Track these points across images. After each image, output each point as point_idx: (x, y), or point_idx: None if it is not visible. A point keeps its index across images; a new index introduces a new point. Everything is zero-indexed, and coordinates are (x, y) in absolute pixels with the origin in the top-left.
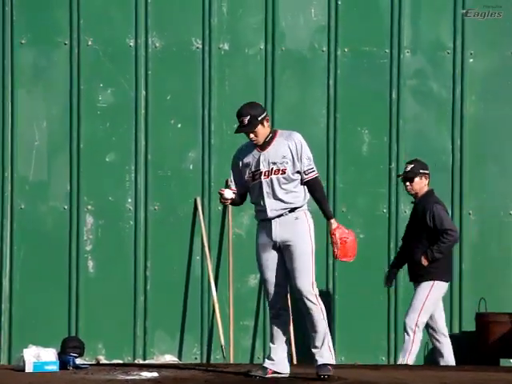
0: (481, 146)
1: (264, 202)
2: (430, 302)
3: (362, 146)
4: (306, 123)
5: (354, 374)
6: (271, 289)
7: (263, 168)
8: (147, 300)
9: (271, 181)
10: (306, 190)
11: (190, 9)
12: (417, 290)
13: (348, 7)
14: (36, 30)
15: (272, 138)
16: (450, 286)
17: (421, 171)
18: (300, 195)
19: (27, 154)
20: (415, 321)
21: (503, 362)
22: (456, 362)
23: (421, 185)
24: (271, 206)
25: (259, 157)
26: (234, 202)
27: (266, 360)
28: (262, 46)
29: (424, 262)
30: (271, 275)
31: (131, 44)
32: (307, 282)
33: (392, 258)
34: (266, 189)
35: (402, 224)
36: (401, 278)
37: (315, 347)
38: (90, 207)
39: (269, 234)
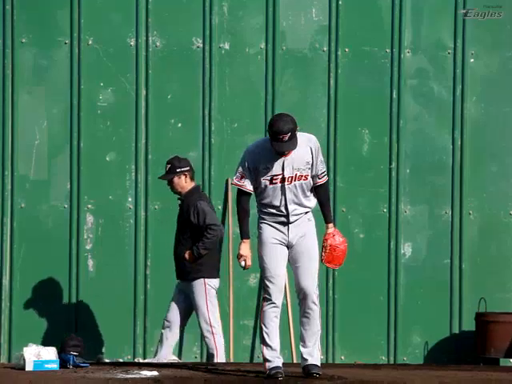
0: (481, 146)
1: (286, 208)
2: (211, 298)
3: (362, 145)
4: (306, 123)
5: (353, 373)
6: (278, 285)
7: (287, 173)
8: (147, 299)
9: (295, 187)
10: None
11: (191, 8)
12: (193, 294)
13: (349, 7)
14: (37, 29)
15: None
16: (450, 286)
17: (177, 170)
18: (313, 198)
19: (27, 152)
20: (209, 324)
21: (503, 362)
22: (456, 362)
23: (182, 183)
24: (293, 212)
25: (283, 162)
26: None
27: (277, 359)
28: (263, 46)
29: (188, 258)
30: (281, 273)
31: (132, 43)
32: (313, 282)
33: (392, 257)
34: (289, 195)
35: (403, 224)
36: (401, 278)
37: (306, 346)
38: (90, 206)
39: (283, 233)
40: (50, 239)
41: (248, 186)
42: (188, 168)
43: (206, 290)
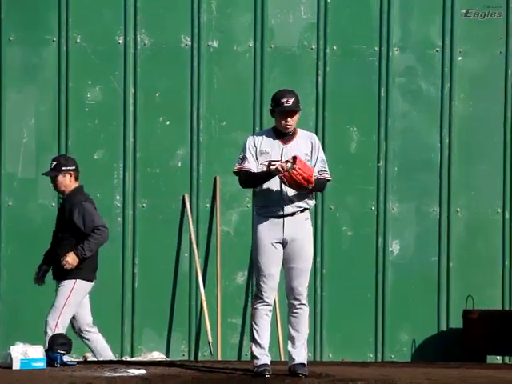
0: (469, 143)
1: (281, 197)
2: (72, 301)
3: (350, 143)
4: None
5: (341, 370)
6: (271, 284)
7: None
8: (135, 297)
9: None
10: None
11: (179, 6)
12: (60, 289)
13: (337, 5)
14: (25, 27)
15: (294, 134)
16: (438, 283)
17: (63, 168)
18: (309, 197)
19: (15, 150)
20: (55, 321)
21: (490, 359)
22: (443, 359)
23: (66, 182)
24: (288, 203)
25: (282, 149)
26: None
27: (265, 356)
28: (251, 44)
29: (71, 259)
30: (275, 271)
31: (120, 41)
32: (305, 284)
33: (380, 254)
34: (284, 184)
35: (391, 221)
36: (389, 275)
37: (294, 346)
38: None
39: (278, 230)
40: (37, 237)
41: (247, 165)
42: (74, 167)
43: (73, 291)
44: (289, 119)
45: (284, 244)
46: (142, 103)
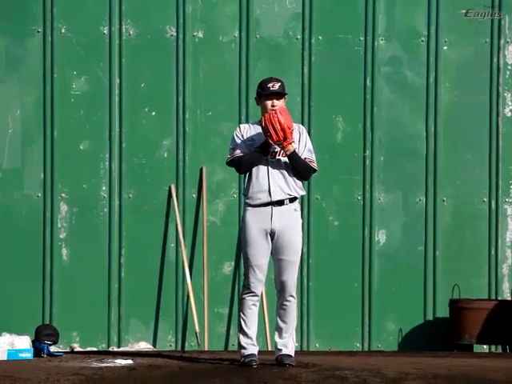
0: (455, 133)
1: (269, 183)
2: None
3: (336, 133)
4: None
5: (328, 360)
6: (258, 276)
7: (271, 148)
8: (121, 287)
9: (278, 162)
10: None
11: None
12: None
13: None
14: (9, 17)
15: None
16: (424, 273)
17: None
18: (300, 186)
19: (1, 141)
20: None
21: (477, 348)
22: (430, 348)
23: None
24: (276, 190)
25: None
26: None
27: (252, 346)
28: (237, 34)
29: None
30: (263, 262)
31: (105, 32)
32: (294, 275)
33: (367, 244)
34: (272, 171)
35: (377, 211)
36: (375, 265)
37: (282, 337)
38: (64, 195)
39: (266, 221)
40: (23, 228)
41: (237, 151)
42: None
43: None
44: (275, 101)
45: (272, 235)
46: (127, 94)
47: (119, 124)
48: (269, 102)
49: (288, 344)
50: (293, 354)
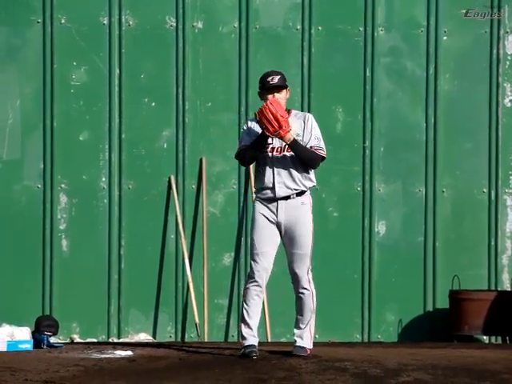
0: (454, 123)
1: (273, 180)
2: None
3: (336, 124)
4: None
5: (328, 351)
6: (263, 264)
7: (276, 143)
8: (121, 279)
9: (285, 158)
10: (313, 176)
11: None
12: None
13: None
14: (9, 8)
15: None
16: (424, 264)
17: None
18: (308, 179)
19: (0, 132)
20: None
21: (476, 339)
22: (429, 339)
23: None
24: (280, 185)
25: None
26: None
27: (252, 337)
28: (236, 24)
29: None
30: (267, 250)
31: (105, 22)
32: (304, 268)
33: (366, 235)
34: (277, 166)
35: (376, 202)
36: (375, 256)
37: (298, 328)
38: (63, 186)
39: (273, 213)
40: (23, 219)
41: (243, 143)
42: None
43: None
44: (276, 94)
45: (279, 227)
46: (127, 84)
47: (119, 115)
48: (270, 96)
49: (303, 335)
50: (307, 346)
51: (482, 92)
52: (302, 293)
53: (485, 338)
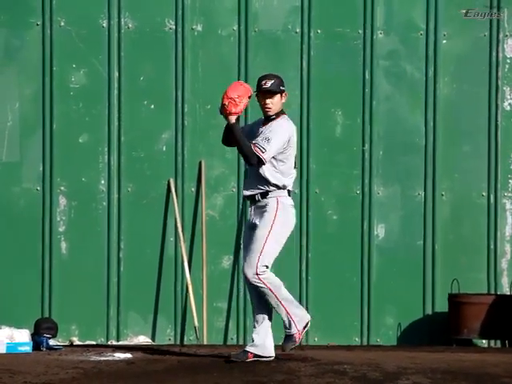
0: (454, 126)
1: (245, 179)
2: None
3: (335, 127)
4: None
5: (327, 354)
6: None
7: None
8: (120, 281)
9: None
10: (285, 179)
11: None
12: None
13: None
14: (8, 10)
15: (275, 119)
16: (423, 267)
17: None
18: (273, 181)
19: (0, 134)
20: None
21: (476, 343)
22: (429, 343)
23: None
24: (248, 185)
25: (260, 130)
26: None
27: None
28: (236, 27)
29: None
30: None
31: (104, 25)
32: (251, 263)
33: (365, 238)
34: (249, 166)
35: (375, 205)
36: (374, 259)
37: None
38: (62, 188)
39: (250, 213)
40: (22, 221)
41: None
42: None
43: None
44: (267, 101)
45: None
46: (126, 87)
47: (118, 117)
48: (262, 102)
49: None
50: (292, 332)
51: (481, 95)
52: (257, 287)
53: (484, 341)
